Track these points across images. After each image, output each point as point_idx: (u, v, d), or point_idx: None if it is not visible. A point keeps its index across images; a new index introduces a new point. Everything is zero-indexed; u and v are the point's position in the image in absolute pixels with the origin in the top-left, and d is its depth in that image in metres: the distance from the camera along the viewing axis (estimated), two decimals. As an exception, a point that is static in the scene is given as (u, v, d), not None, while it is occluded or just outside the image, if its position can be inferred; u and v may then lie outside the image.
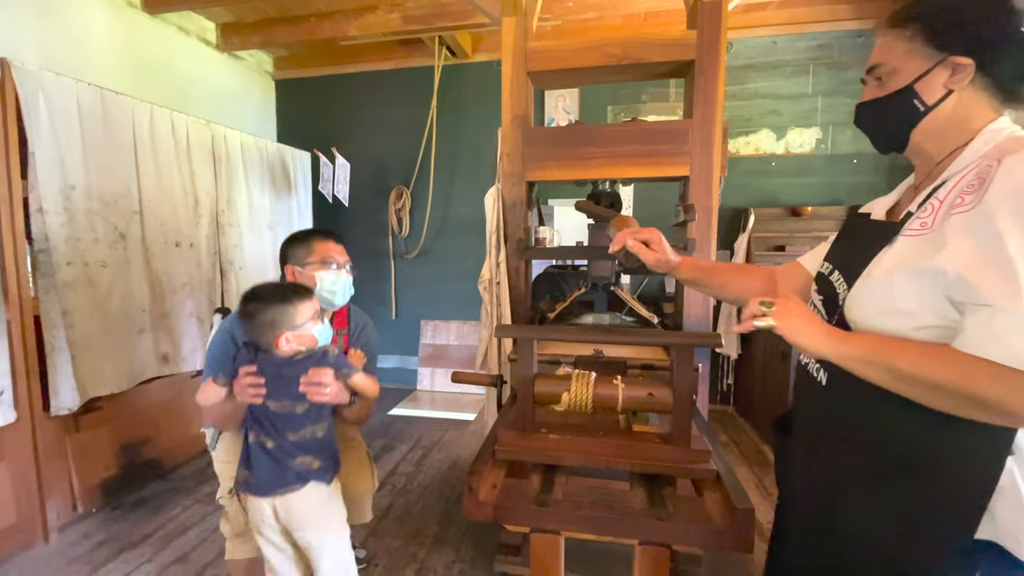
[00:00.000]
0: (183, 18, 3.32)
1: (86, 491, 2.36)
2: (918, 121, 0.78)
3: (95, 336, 2.30)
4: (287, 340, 1.23)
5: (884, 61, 0.81)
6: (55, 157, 2.17)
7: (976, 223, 0.66)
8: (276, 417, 1.23)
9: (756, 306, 0.76)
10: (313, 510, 1.27)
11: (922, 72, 0.76)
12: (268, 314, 1.24)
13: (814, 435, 0.88)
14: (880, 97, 0.82)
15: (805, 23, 3.34)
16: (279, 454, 1.23)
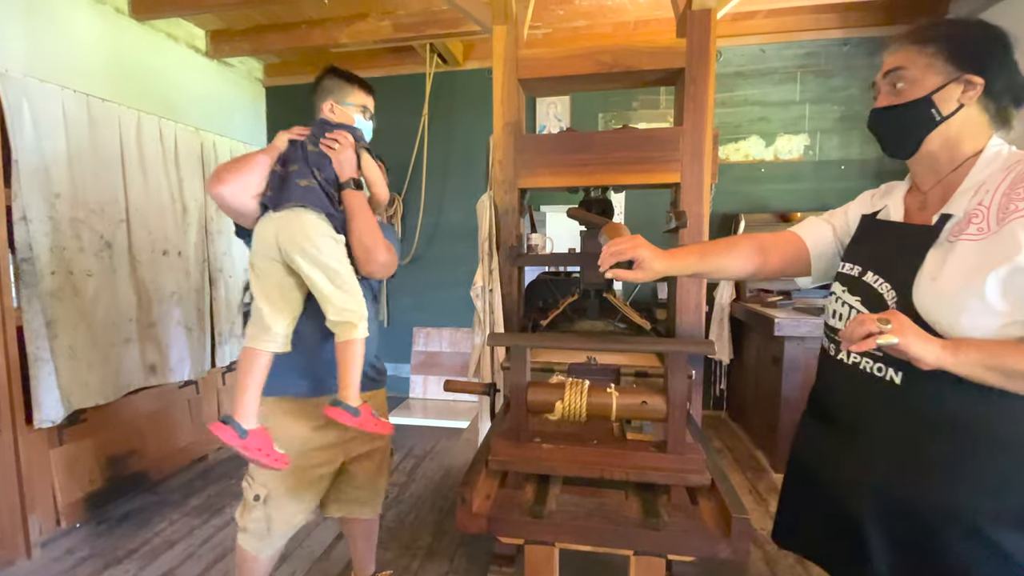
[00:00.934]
0: (172, 25, 3.29)
1: (70, 505, 2.31)
2: (932, 129, 0.88)
3: (80, 347, 2.26)
4: (331, 108, 1.37)
5: (906, 66, 0.90)
6: (39, 165, 2.14)
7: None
8: (298, 147, 1.34)
9: (873, 324, 0.78)
10: (308, 228, 1.24)
11: (940, 85, 0.87)
12: (328, 81, 1.38)
13: (895, 433, 0.90)
14: (898, 104, 0.91)
15: (792, 32, 3.39)
16: (292, 176, 1.28)
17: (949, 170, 0.90)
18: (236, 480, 2.81)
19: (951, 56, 0.86)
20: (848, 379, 0.98)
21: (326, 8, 3.26)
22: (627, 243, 1.03)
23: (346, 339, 1.26)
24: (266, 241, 1.24)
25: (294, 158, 1.31)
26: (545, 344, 1.34)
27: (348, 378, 1.26)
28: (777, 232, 1.16)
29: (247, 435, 1.18)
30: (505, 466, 1.05)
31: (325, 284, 1.22)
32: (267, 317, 1.23)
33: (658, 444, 1.05)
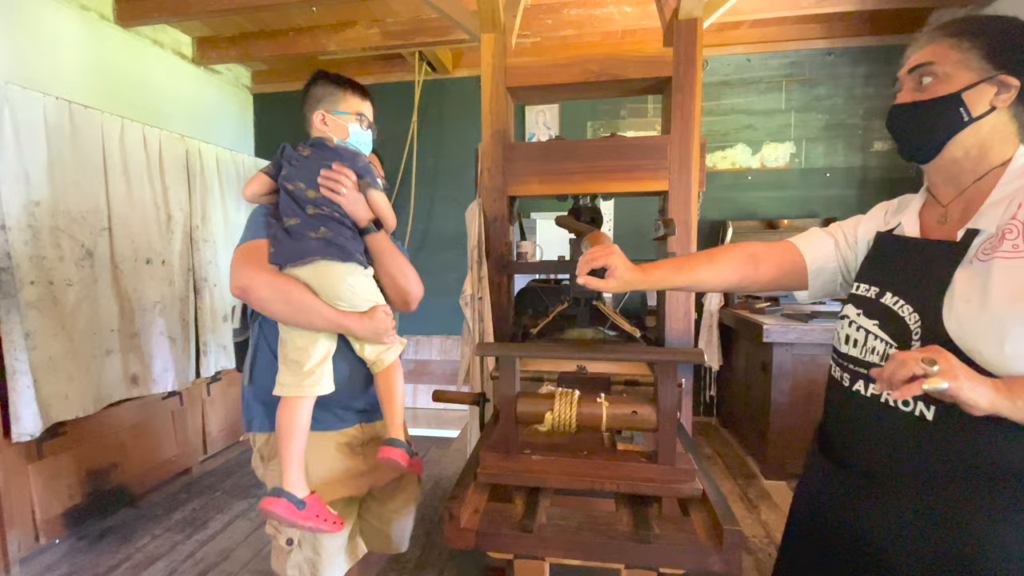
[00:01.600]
0: (158, 31, 3.27)
1: (49, 521, 2.25)
2: (958, 131, 0.80)
3: (60, 358, 2.21)
4: (322, 119, 1.20)
5: (937, 61, 0.82)
6: (19, 172, 2.09)
7: None
8: (295, 195, 1.16)
9: (917, 365, 0.67)
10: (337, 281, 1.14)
11: (973, 83, 0.78)
12: (317, 88, 1.22)
13: (926, 472, 0.81)
14: (923, 100, 0.83)
15: (777, 41, 3.44)
16: (298, 228, 1.13)
17: (972, 180, 0.82)
18: (221, 493, 2.76)
19: (988, 53, 0.78)
20: (867, 414, 0.87)
21: (314, 15, 3.26)
22: (601, 251, 1.00)
23: (386, 367, 1.24)
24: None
25: (291, 210, 1.15)
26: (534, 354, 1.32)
27: (397, 413, 1.24)
28: (772, 242, 1.09)
29: (305, 505, 1.11)
30: (494, 479, 1.03)
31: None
32: (307, 361, 1.13)
33: (649, 455, 1.04)
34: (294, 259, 1.11)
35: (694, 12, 1.50)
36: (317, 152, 1.18)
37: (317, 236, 1.12)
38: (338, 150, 1.19)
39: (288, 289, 1.10)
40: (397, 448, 1.19)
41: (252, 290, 1.10)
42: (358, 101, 1.24)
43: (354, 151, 1.21)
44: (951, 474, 0.78)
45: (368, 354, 1.22)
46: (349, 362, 1.24)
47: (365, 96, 1.26)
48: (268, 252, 1.13)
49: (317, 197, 1.14)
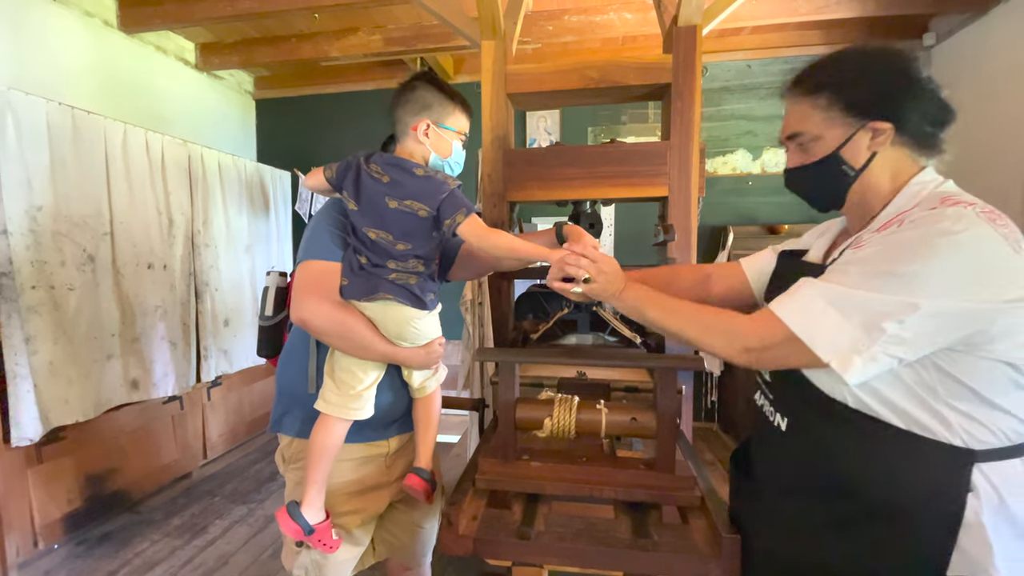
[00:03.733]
0: (161, 37, 3.29)
1: (48, 526, 2.24)
2: (851, 184, 0.82)
3: (60, 362, 2.21)
4: (427, 128, 1.08)
5: (804, 130, 0.83)
6: (22, 177, 2.10)
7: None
8: (372, 244, 1.07)
9: (580, 272, 0.92)
10: (403, 324, 1.09)
11: (845, 139, 0.79)
12: (428, 94, 1.09)
13: (779, 481, 0.88)
14: (808, 164, 0.84)
15: (778, 47, 3.45)
16: (373, 267, 1.07)
17: (873, 213, 0.82)
18: (220, 498, 2.75)
19: (848, 104, 0.78)
20: (757, 422, 0.96)
21: (317, 22, 3.28)
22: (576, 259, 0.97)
23: (429, 393, 1.23)
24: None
25: (367, 245, 1.08)
26: (534, 359, 1.32)
27: (430, 443, 1.24)
28: (726, 263, 1.15)
29: (313, 532, 1.11)
30: (492, 484, 1.03)
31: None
32: (356, 384, 1.11)
33: (648, 461, 1.04)
34: (365, 296, 1.07)
35: (693, 19, 1.50)
36: (398, 178, 1.06)
37: (391, 278, 1.07)
38: (427, 181, 1.05)
39: (350, 325, 1.07)
40: (421, 480, 1.19)
41: (311, 323, 1.07)
42: (465, 120, 1.15)
43: (442, 182, 1.06)
44: (801, 483, 0.83)
45: (415, 381, 1.21)
46: (395, 389, 1.22)
47: (470, 115, 1.17)
48: (341, 283, 1.09)
49: (401, 250, 1.06)
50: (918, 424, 0.72)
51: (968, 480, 0.69)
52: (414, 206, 1.04)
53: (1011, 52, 2.64)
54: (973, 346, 0.69)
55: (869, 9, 2.88)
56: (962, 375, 0.70)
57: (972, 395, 0.70)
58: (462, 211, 1.03)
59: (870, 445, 0.75)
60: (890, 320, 0.67)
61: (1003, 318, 0.66)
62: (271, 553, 2.23)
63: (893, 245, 0.71)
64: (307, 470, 1.12)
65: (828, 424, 0.79)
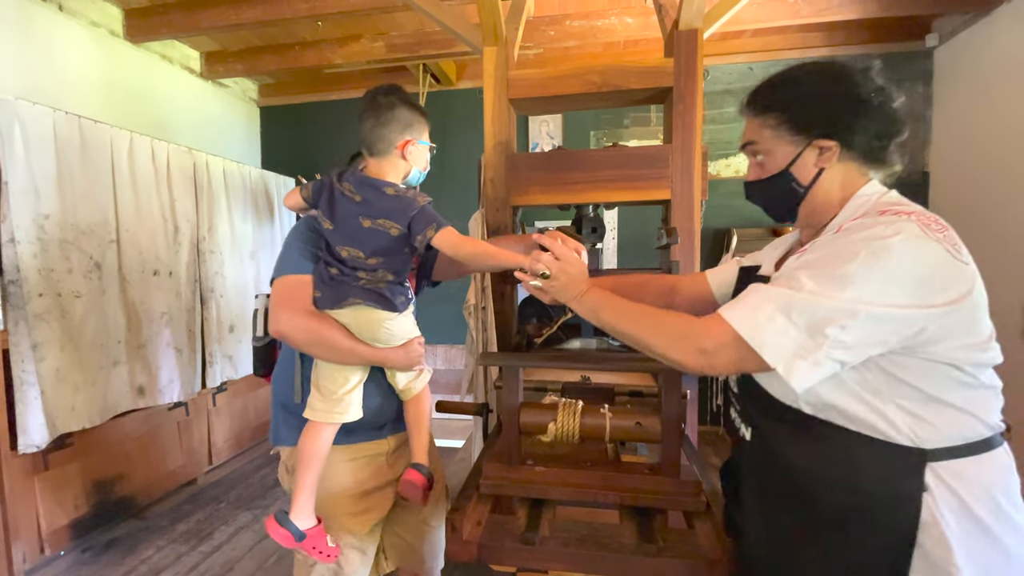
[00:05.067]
0: (166, 47, 3.32)
1: (54, 532, 2.25)
2: (801, 200, 0.85)
3: (67, 369, 2.22)
4: (407, 145, 1.11)
5: (756, 140, 0.87)
6: (29, 186, 2.12)
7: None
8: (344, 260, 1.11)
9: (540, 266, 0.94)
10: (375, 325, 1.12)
11: (793, 157, 0.83)
12: (407, 112, 1.12)
13: (752, 488, 0.89)
14: (763, 179, 0.88)
15: (780, 50, 3.45)
16: (342, 276, 1.11)
17: (822, 225, 0.85)
18: (225, 504, 2.75)
19: (794, 124, 0.82)
20: (730, 432, 0.98)
21: (320, 30, 3.31)
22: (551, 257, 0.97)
23: (415, 394, 1.23)
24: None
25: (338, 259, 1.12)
26: (537, 364, 1.32)
27: (426, 442, 1.24)
28: (693, 275, 1.17)
29: (304, 538, 1.11)
30: (496, 490, 1.03)
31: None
32: (337, 389, 1.14)
33: (653, 466, 1.03)
34: (336, 304, 1.11)
35: (694, 23, 1.50)
36: (369, 197, 1.09)
37: (360, 284, 1.11)
38: (397, 199, 1.09)
39: (324, 333, 1.10)
40: (420, 475, 1.18)
41: (288, 335, 1.12)
42: (428, 131, 1.21)
43: (411, 200, 1.09)
44: (767, 491, 0.85)
45: (399, 382, 1.22)
46: (382, 392, 1.23)
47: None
48: (314, 295, 1.12)
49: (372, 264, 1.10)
50: (867, 426, 0.73)
51: (921, 480, 0.70)
52: (386, 224, 1.08)
53: (1014, 52, 2.63)
54: (913, 348, 0.70)
55: (871, 11, 2.87)
56: (906, 376, 0.71)
57: (918, 393, 0.71)
58: (432, 226, 1.07)
59: (824, 450, 0.76)
60: (833, 326, 0.68)
61: (939, 321, 0.68)
62: (276, 559, 2.22)
63: (832, 251, 0.73)
64: (296, 476, 1.14)
65: (784, 431, 0.80)
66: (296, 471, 1.14)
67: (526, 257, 1.02)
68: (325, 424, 1.13)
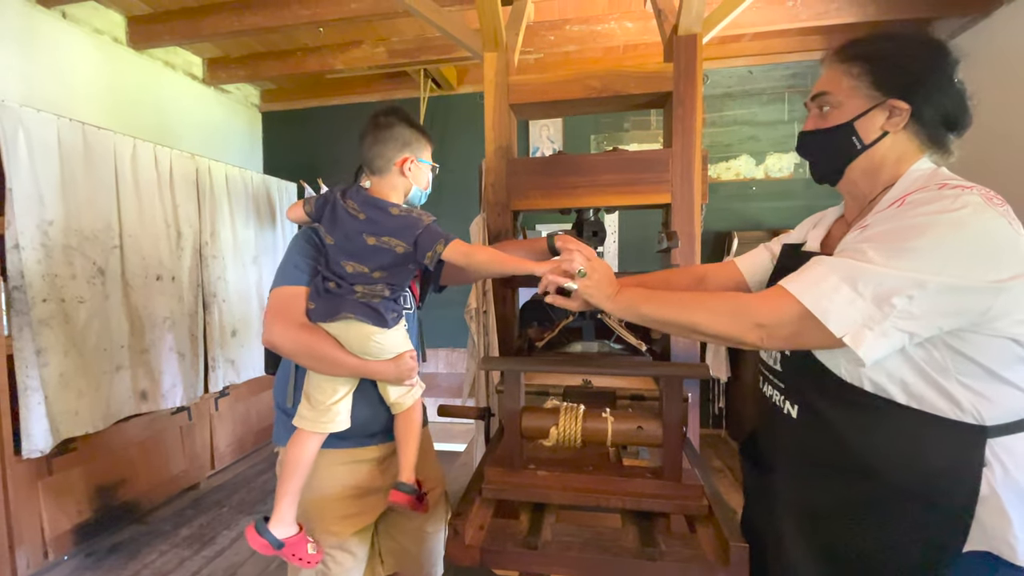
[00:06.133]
0: (169, 53, 3.34)
1: (58, 537, 2.26)
2: (855, 157, 0.84)
3: (70, 374, 2.23)
4: (408, 164, 1.13)
5: (830, 91, 0.85)
6: (33, 192, 2.14)
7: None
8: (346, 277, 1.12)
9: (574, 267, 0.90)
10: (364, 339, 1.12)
11: (863, 111, 0.81)
12: (406, 131, 1.13)
13: (794, 466, 0.89)
14: (821, 129, 0.87)
15: (779, 53, 3.46)
16: (338, 289, 1.12)
17: (868, 200, 0.85)
18: (228, 509, 2.76)
19: (876, 78, 0.80)
20: (767, 413, 0.96)
21: (322, 36, 3.33)
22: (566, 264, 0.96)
23: (406, 408, 1.23)
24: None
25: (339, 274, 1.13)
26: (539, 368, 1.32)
27: (411, 456, 1.23)
28: (721, 263, 1.16)
29: (283, 547, 1.13)
30: (499, 494, 1.03)
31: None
32: (325, 399, 1.14)
33: (655, 470, 1.03)
34: (328, 317, 1.11)
35: (693, 28, 1.51)
36: (374, 217, 1.10)
37: (355, 298, 1.11)
38: (403, 219, 1.10)
39: (314, 346, 1.11)
40: (404, 494, 1.19)
41: (279, 346, 1.13)
42: (430, 151, 1.22)
43: (417, 218, 1.10)
44: (814, 469, 0.85)
45: (390, 395, 1.22)
46: (372, 404, 1.24)
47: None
48: (307, 307, 1.13)
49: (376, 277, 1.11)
50: (931, 404, 0.73)
51: (982, 456, 0.71)
52: (391, 242, 1.10)
53: (1014, 54, 2.64)
54: (979, 324, 0.70)
55: (870, 14, 2.88)
56: (971, 352, 0.71)
57: (982, 371, 0.72)
58: (440, 242, 1.08)
59: (885, 427, 0.76)
60: (900, 295, 0.68)
61: (1004, 295, 0.68)
62: (278, 564, 2.22)
63: (899, 224, 0.72)
64: (278, 484, 1.15)
65: (842, 409, 0.79)
66: (279, 478, 1.15)
67: (540, 264, 1.02)
68: (312, 433, 1.14)
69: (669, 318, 0.87)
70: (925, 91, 0.78)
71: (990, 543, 0.71)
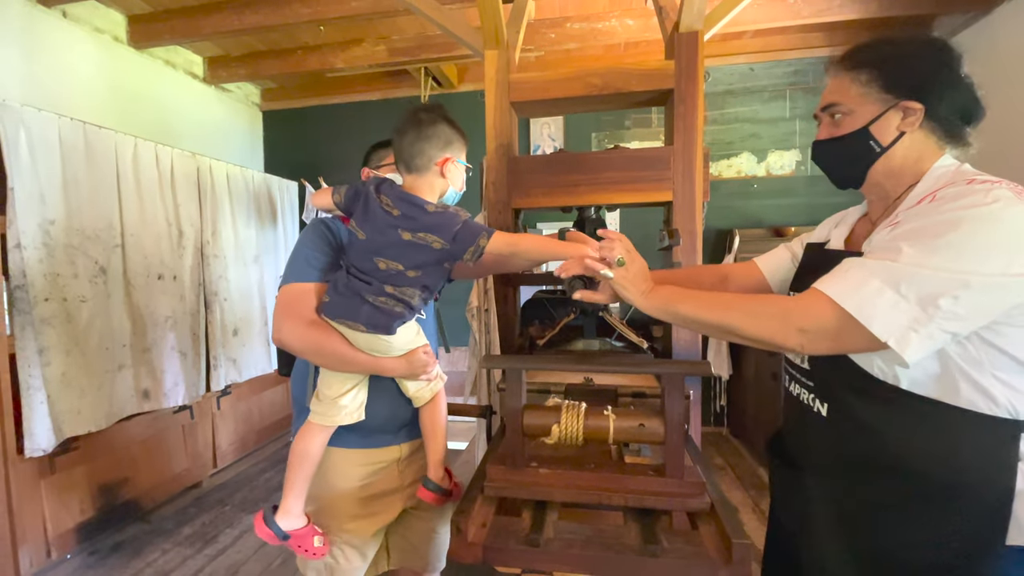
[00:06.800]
0: (170, 52, 3.34)
1: (61, 536, 2.26)
2: (875, 161, 0.84)
3: (73, 374, 2.24)
4: (447, 163, 1.10)
5: (840, 101, 0.86)
6: (35, 192, 2.14)
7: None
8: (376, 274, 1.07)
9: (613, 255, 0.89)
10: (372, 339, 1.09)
11: (877, 115, 0.82)
12: (449, 131, 1.10)
13: (825, 464, 0.89)
14: (837, 136, 0.87)
15: (780, 50, 3.45)
16: (359, 287, 1.07)
17: (894, 198, 0.85)
18: (230, 507, 2.76)
19: (886, 82, 0.81)
20: (795, 412, 0.96)
21: (322, 34, 3.32)
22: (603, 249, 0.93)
23: (427, 401, 1.22)
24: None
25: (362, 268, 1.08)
26: (540, 366, 1.33)
27: (438, 450, 1.23)
28: (741, 263, 1.16)
29: (288, 538, 1.12)
30: (501, 492, 1.03)
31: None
32: (333, 393, 1.13)
33: (656, 467, 1.03)
34: (335, 317, 1.09)
35: (694, 25, 1.51)
36: (409, 213, 1.05)
37: (372, 302, 1.07)
38: (440, 215, 1.06)
39: (323, 343, 1.09)
40: (428, 491, 1.21)
41: (289, 344, 1.12)
42: (466, 151, 1.19)
43: (454, 214, 1.06)
44: (847, 467, 0.85)
45: (409, 388, 1.21)
46: (393, 397, 1.22)
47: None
48: (322, 301, 1.11)
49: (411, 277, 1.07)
50: (966, 399, 0.73)
51: (1017, 450, 0.71)
52: (428, 238, 1.05)
53: (1015, 51, 2.63)
54: (1014, 316, 0.70)
55: (872, 10, 2.87)
56: (1006, 345, 0.71)
57: (1015, 364, 0.72)
58: (483, 235, 1.03)
59: (919, 423, 0.76)
60: (945, 297, 0.68)
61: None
62: (281, 562, 2.23)
63: (932, 220, 0.72)
64: (286, 476, 1.14)
65: (874, 406, 0.79)
66: (287, 470, 1.15)
67: (583, 246, 0.96)
68: (321, 427, 1.14)
69: (707, 319, 0.85)
70: (936, 88, 0.79)
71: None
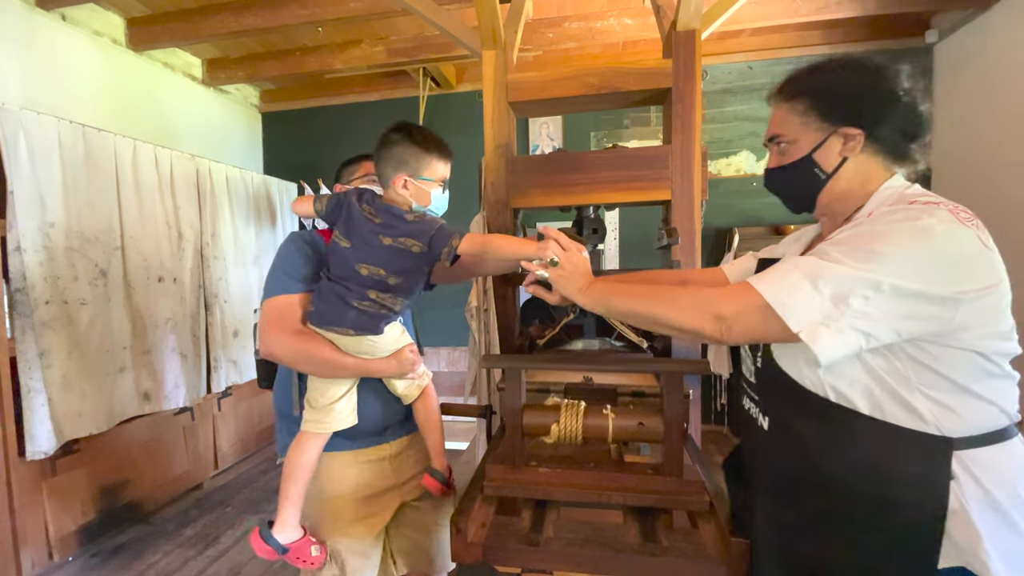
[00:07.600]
0: (168, 54, 3.35)
1: (62, 538, 2.27)
2: (822, 187, 0.86)
3: (74, 376, 2.24)
4: (403, 183, 1.12)
5: (782, 133, 0.88)
6: (34, 195, 2.15)
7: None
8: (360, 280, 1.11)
9: (548, 255, 0.94)
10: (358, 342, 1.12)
11: (818, 143, 0.84)
12: (404, 150, 1.12)
13: (769, 480, 0.89)
14: (784, 165, 0.89)
15: (779, 48, 3.45)
16: (344, 294, 1.11)
17: (843, 219, 0.86)
18: (232, 508, 2.77)
19: (822, 111, 0.83)
20: (744, 427, 0.98)
21: (321, 35, 3.32)
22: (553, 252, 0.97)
23: (416, 398, 1.24)
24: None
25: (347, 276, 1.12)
26: (540, 365, 1.33)
27: (439, 442, 1.26)
28: (707, 269, 1.18)
29: (287, 552, 1.14)
30: (500, 491, 1.03)
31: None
32: (323, 401, 1.15)
33: (656, 466, 1.04)
34: (323, 324, 1.12)
35: (692, 24, 1.51)
36: (390, 221, 1.11)
37: (357, 307, 1.11)
38: (418, 223, 1.10)
39: (312, 352, 1.12)
40: (436, 480, 1.25)
41: (278, 355, 1.15)
42: (443, 166, 1.19)
43: (431, 221, 1.12)
44: (785, 483, 0.85)
45: (397, 387, 1.24)
46: (381, 398, 1.25)
47: (449, 159, 1.22)
48: (307, 310, 1.14)
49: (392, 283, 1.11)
50: (893, 415, 0.73)
51: (949, 468, 0.71)
52: (408, 242, 1.10)
53: (1013, 48, 2.63)
54: (943, 335, 0.70)
55: (870, 8, 2.87)
56: (935, 364, 0.72)
57: (946, 383, 0.72)
58: (455, 236, 1.09)
59: (849, 439, 0.76)
60: (856, 296, 0.69)
61: (969, 307, 0.68)
62: (282, 563, 2.23)
63: (865, 231, 0.74)
64: (281, 488, 1.15)
65: (807, 420, 0.80)
66: (282, 482, 1.16)
67: (533, 244, 1.03)
68: (314, 435, 1.15)
69: (636, 310, 0.88)
70: (872, 112, 0.80)
71: (963, 559, 0.70)
